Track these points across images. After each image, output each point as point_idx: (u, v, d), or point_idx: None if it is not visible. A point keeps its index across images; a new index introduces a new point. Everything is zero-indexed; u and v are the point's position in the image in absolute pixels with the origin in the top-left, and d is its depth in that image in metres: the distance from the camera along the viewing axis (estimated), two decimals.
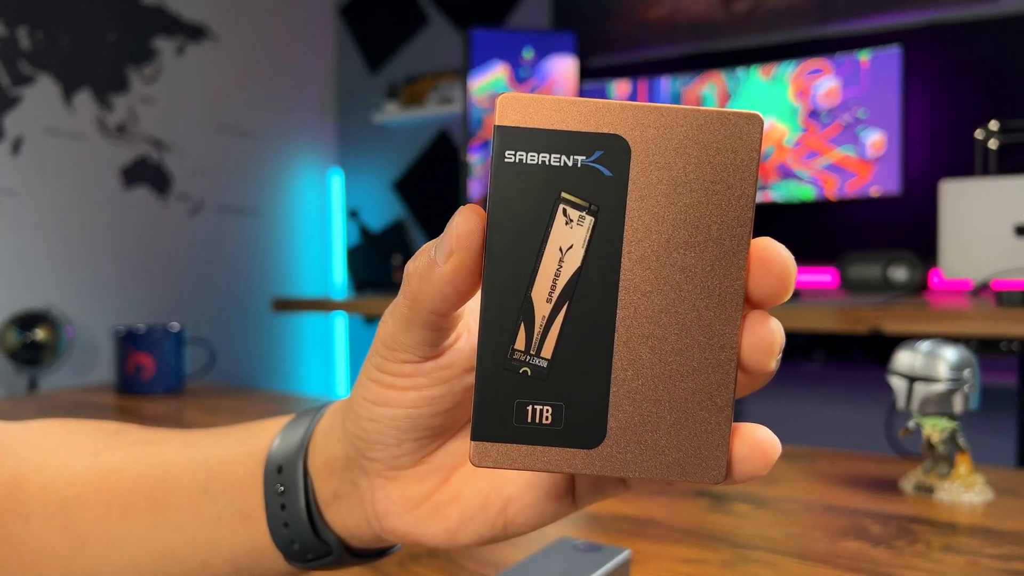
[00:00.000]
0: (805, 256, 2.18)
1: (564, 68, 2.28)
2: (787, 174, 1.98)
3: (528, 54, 2.26)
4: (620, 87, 2.19)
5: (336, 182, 3.04)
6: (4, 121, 2.12)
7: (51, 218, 2.22)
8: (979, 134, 1.74)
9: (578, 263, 0.19)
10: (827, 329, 1.45)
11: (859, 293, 1.74)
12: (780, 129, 1.98)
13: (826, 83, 1.93)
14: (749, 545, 0.47)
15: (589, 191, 0.19)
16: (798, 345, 2.07)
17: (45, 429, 0.36)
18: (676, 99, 2.12)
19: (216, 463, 0.31)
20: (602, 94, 2.20)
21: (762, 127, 0.20)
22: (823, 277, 2.10)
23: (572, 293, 0.19)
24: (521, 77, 2.27)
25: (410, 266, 0.22)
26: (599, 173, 0.19)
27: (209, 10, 2.60)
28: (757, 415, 2.26)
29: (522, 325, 0.19)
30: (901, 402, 0.57)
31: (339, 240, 3.04)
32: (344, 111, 3.05)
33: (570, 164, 0.19)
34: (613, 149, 0.18)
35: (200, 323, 2.49)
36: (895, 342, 0.64)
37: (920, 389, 0.56)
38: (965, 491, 0.55)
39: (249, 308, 2.71)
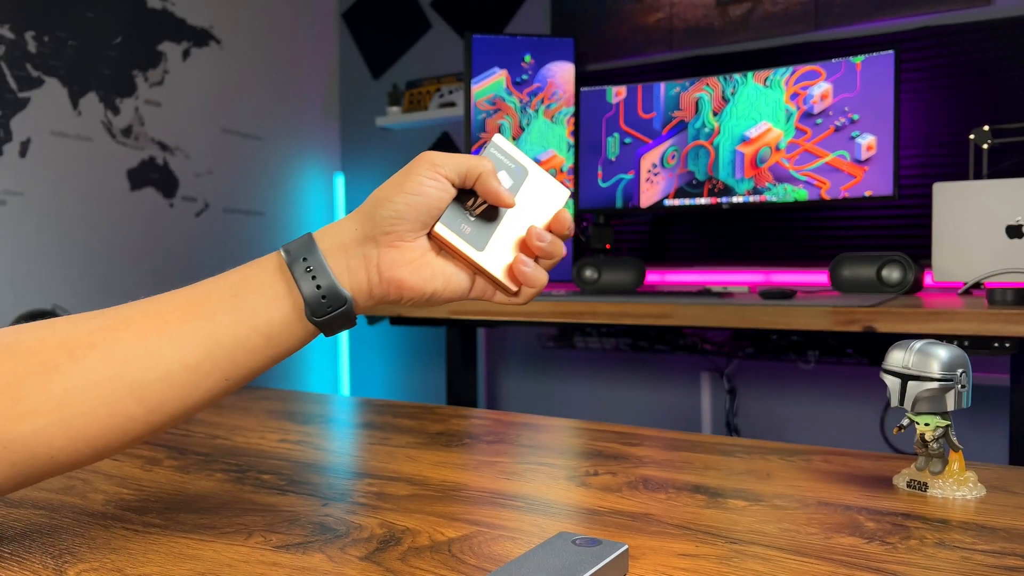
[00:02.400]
0: (799, 257, 2.19)
1: (563, 73, 2.28)
2: (782, 176, 1.99)
3: (527, 59, 2.27)
4: (618, 91, 2.20)
5: (340, 185, 3.05)
6: (12, 124, 2.13)
7: (58, 220, 2.23)
8: (972, 136, 1.75)
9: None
10: (821, 329, 1.46)
11: (853, 294, 1.75)
12: (775, 132, 2.00)
13: (820, 87, 1.94)
14: (745, 540, 0.47)
15: (512, 176, 0.50)
16: (793, 344, 2.08)
17: (23, 325, 0.44)
18: (674, 102, 2.14)
19: (235, 280, 0.44)
20: (601, 98, 2.21)
21: (567, 195, 0.51)
22: (817, 277, 2.11)
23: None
24: (521, 82, 2.27)
25: (487, 165, 0.48)
26: (516, 173, 0.50)
27: (214, 15, 2.61)
28: (756, 414, 2.27)
29: (473, 197, 0.48)
30: (894, 400, 0.58)
31: None
32: (347, 115, 3.06)
33: (510, 166, 0.50)
34: (523, 171, 0.50)
35: None
36: (888, 342, 0.65)
37: (913, 387, 0.57)
38: (958, 488, 0.56)
39: None
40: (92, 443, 0.41)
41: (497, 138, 0.50)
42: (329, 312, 0.44)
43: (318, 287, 0.43)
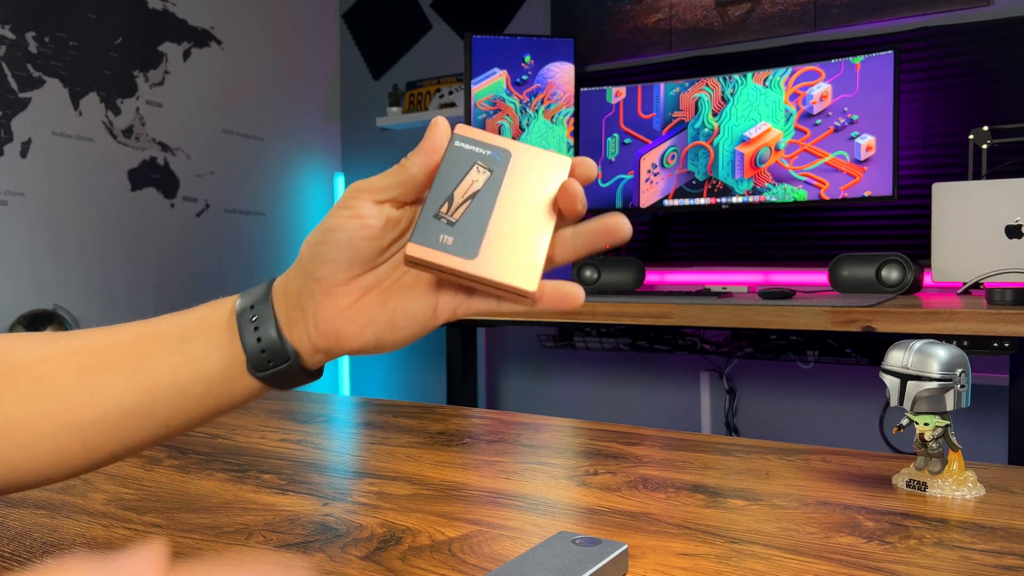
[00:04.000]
0: (799, 257, 2.19)
1: (563, 74, 2.29)
2: (781, 177, 1.99)
3: (527, 60, 2.27)
4: (617, 92, 2.20)
5: (340, 185, 3.05)
6: (13, 124, 2.13)
7: (59, 220, 2.23)
8: (971, 137, 1.75)
9: (479, 187, 0.39)
10: (821, 329, 1.46)
11: (852, 294, 1.75)
12: (774, 132, 2.00)
13: (819, 87, 1.94)
14: (744, 540, 0.47)
15: (490, 164, 0.40)
16: (792, 344, 2.08)
17: (13, 335, 0.43)
18: (674, 102, 2.14)
19: (189, 321, 0.42)
20: (600, 98, 2.22)
21: (568, 164, 0.40)
22: (817, 277, 2.11)
23: (473, 197, 0.39)
24: (521, 82, 2.28)
25: (413, 161, 0.39)
26: (495, 160, 0.40)
27: (215, 16, 2.61)
28: (755, 413, 2.28)
29: (447, 203, 0.39)
30: (894, 400, 0.58)
31: None
32: (348, 115, 3.06)
33: (484, 153, 0.40)
34: (505, 153, 0.40)
35: None
36: (888, 341, 0.65)
37: (912, 387, 0.57)
38: (957, 487, 0.56)
39: None
40: (30, 474, 0.40)
41: (458, 129, 0.40)
42: (271, 368, 0.40)
43: (259, 340, 0.40)
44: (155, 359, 0.40)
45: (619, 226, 0.38)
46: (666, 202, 2.15)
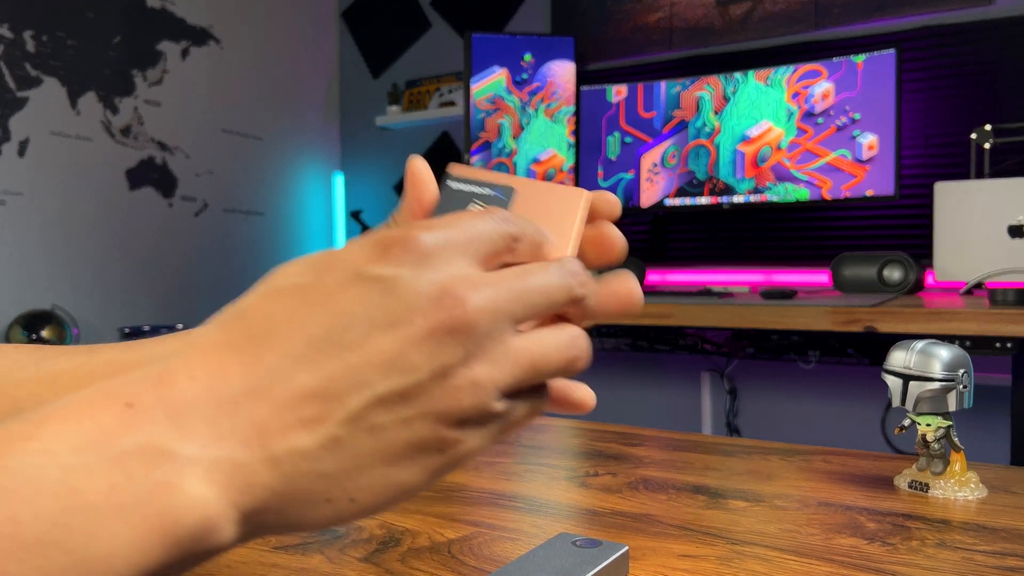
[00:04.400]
0: (800, 257, 2.19)
1: (563, 72, 2.28)
2: (783, 176, 1.99)
3: (527, 58, 2.27)
4: (618, 91, 2.20)
5: (339, 184, 3.06)
6: (10, 123, 2.13)
7: (57, 219, 2.23)
8: (973, 136, 1.75)
9: None
10: (822, 329, 1.46)
11: (854, 293, 1.75)
12: (776, 131, 1.99)
13: (821, 86, 1.94)
14: (745, 541, 0.47)
15: (491, 204, 0.33)
16: (793, 344, 2.08)
17: None
18: (675, 101, 2.14)
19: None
20: (601, 97, 2.21)
21: (583, 198, 0.32)
22: (818, 277, 2.11)
23: None
24: (521, 81, 2.27)
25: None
26: (498, 198, 0.33)
27: (213, 14, 2.61)
28: (756, 414, 2.27)
29: None
30: (896, 400, 0.58)
31: (342, 241, 3.06)
32: (347, 114, 3.06)
33: (484, 192, 0.33)
34: (507, 190, 0.33)
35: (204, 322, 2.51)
36: (890, 342, 0.64)
37: (915, 387, 0.57)
38: (959, 488, 0.56)
39: None
40: None
41: (450, 169, 0.34)
42: None
43: None
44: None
45: (632, 295, 0.28)
46: (667, 201, 2.15)
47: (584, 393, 0.29)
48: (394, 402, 0.22)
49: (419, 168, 0.32)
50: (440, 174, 0.34)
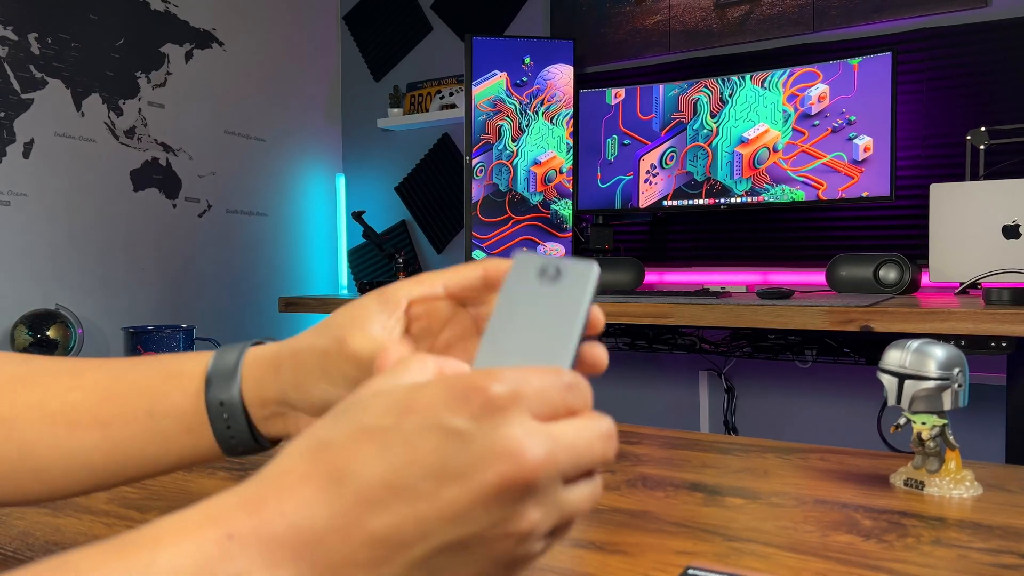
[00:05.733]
0: (797, 257, 2.20)
1: (562, 75, 2.29)
2: (779, 177, 2.00)
3: (527, 61, 2.28)
4: (617, 93, 2.20)
5: (341, 186, 3.06)
6: (15, 125, 2.14)
7: (61, 220, 2.23)
8: (968, 137, 1.76)
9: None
10: (819, 328, 1.47)
11: (850, 293, 1.76)
12: (772, 133, 2.00)
13: (817, 88, 1.95)
14: (742, 538, 0.47)
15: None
16: (790, 344, 2.08)
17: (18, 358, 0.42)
18: (673, 103, 2.14)
19: (157, 393, 0.39)
20: (600, 100, 2.22)
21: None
22: (815, 278, 2.12)
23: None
24: (520, 84, 2.28)
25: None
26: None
27: (217, 17, 2.62)
28: (754, 412, 2.28)
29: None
30: (892, 399, 0.58)
31: (344, 242, 3.06)
32: (349, 116, 3.07)
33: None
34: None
35: (208, 322, 2.52)
36: (885, 341, 0.65)
37: (910, 386, 0.57)
38: (954, 486, 0.57)
39: (257, 307, 2.73)
40: None
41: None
42: (248, 454, 0.39)
43: (232, 438, 0.38)
44: (122, 427, 0.38)
45: (600, 360, 0.34)
46: (665, 202, 2.16)
47: (597, 351, 0.33)
48: (454, 550, 0.25)
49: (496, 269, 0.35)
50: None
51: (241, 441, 0.38)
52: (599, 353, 0.33)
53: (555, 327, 0.31)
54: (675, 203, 2.14)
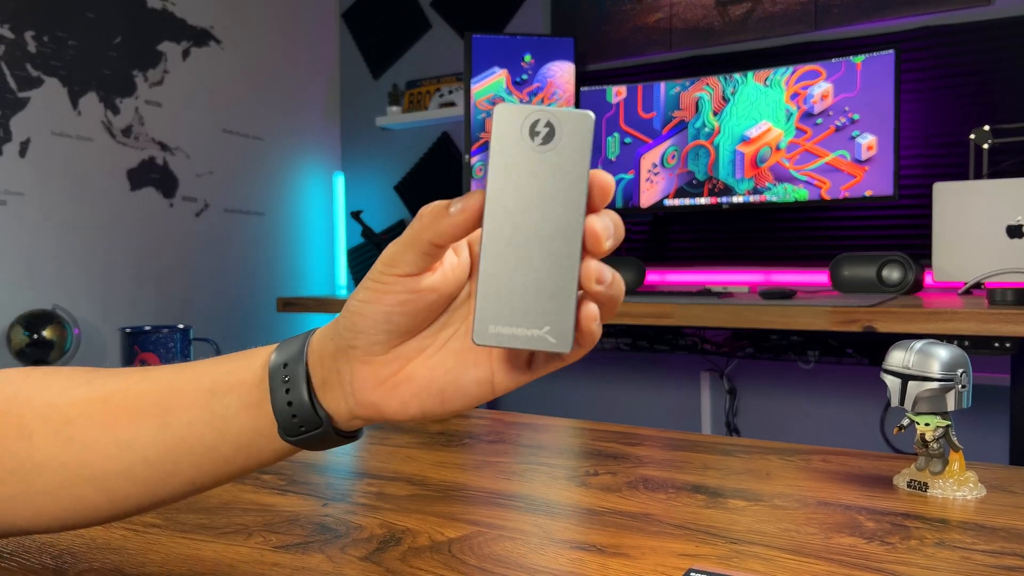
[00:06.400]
0: (799, 257, 2.19)
1: (563, 73, 2.28)
2: (782, 176, 1.99)
3: (527, 59, 2.27)
4: (618, 91, 2.20)
5: (340, 185, 3.06)
6: (11, 124, 2.14)
7: (58, 219, 2.23)
8: (972, 136, 1.75)
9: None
10: (821, 329, 1.46)
11: (853, 293, 1.75)
12: (775, 132, 2.00)
13: (820, 86, 1.94)
14: (744, 540, 0.47)
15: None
16: (793, 344, 2.08)
17: (24, 371, 0.41)
18: (675, 102, 2.14)
19: (221, 372, 0.39)
20: (600, 98, 2.22)
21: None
22: (817, 277, 2.11)
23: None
24: (521, 82, 2.28)
25: (425, 209, 0.32)
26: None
27: (214, 15, 2.61)
28: (756, 413, 2.28)
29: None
30: (895, 400, 0.58)
31: (343, 241, 3.06)
32: (347, 115, 3.07)
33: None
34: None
35: (206, 322, 2.51)
36: (888, 341, 0.64)
37: (913, 387, 0.57)
38: (958, 488, 0.56)
39: (255, 307, 2.73)
40: (54, 519, 0.40)
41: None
42: (303, 433, 0.37)
43: (290, 403, 0.37)
44: (182, 413, 0.38)
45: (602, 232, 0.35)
46: (666, 202, 2.15)
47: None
48: None
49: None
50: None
51: (299, 409, 0.37)
52: (601, 224, 0.34)
53: (558, 195, 0.30)
54: (677, 202, 2.14)
